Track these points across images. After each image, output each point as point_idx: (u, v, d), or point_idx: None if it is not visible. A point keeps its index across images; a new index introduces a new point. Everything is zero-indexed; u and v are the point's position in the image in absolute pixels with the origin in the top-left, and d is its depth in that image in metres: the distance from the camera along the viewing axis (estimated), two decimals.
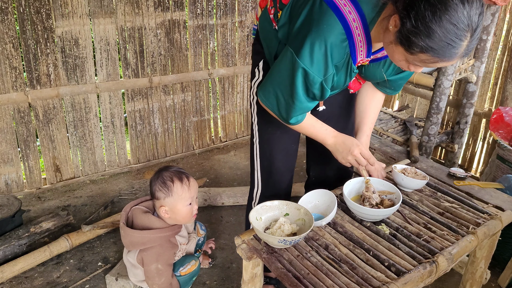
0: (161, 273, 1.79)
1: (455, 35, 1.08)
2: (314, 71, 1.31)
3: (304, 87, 1.37)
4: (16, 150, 2.66)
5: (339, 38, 1.27)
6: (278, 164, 1.77)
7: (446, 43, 1.09)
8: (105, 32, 2.72)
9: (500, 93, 2.98)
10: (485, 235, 1.46)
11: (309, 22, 1.30)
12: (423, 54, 1.14)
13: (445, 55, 1.12)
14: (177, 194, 1.78)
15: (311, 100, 1.43)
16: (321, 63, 1.30)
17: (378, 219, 1.47)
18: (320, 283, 1.21)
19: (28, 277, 2.12)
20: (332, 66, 1.32)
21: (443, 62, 1.15)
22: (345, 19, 1.25)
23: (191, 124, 3.34)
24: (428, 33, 1.09)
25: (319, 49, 1.27)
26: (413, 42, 1.12)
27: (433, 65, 1.17)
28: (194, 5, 3.01)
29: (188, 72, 3.16)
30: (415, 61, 1.18)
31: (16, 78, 2.52)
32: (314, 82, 1.34)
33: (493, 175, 2.61)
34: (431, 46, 1.11)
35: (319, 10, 1.28)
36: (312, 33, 1.27)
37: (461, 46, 1.11)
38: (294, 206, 1.44)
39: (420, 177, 1.68)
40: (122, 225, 1.81)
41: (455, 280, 2.15)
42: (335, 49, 1.28)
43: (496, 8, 2.51)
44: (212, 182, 3.06)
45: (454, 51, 1.11)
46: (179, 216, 1.82)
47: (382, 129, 3.00)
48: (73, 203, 2.74)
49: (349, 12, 1.25)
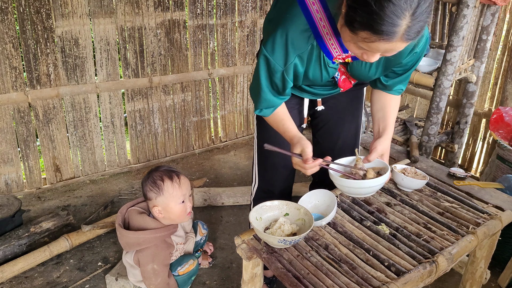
0: (157, 273, 1.79)
1: (391, 11, 1.04)
2: (275, 59, 1.34)
3: (267, 76, 1.40)
4: (16, 150, 2.66)
5: (301, 27, 1.29)
6: (274, 160, 1.78)
7: (382, 18, 1.05)
8: (105, 32, 2.72)
9: (500, 93, 2.98)
10: (485, 235, 1.46)
11: (277, 12, 1.39)
12: (363, 32, 1.10)
13: (383, 33, 1.07)
14: (168, 192, 1.79)
15: (274, 92, 1.45)
16: (282, 51, 1.32)
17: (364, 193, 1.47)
18: (320, 283, 1.21)
19: (28, 277, 2.12)
20: (293, 56, 1.34)
21: (383, 42, 1.10)
22: (308, 10, 1.28)
23: (191, 124, 3.34)
24: (364, 8, 1.06)
25: (280, 38, 1.30)
26: (353, 18, 1.11)
27: (375, 46, 1.13)
28: (194, 5, 3.02)
29: (188, 72, 3.16)
30: (359, 42, 1.15)
31: (16, 78, 2.52)
32: (275, 71, 1.37)
33: (493, 175, 2.62)
34: (368, 22, 1.07)
35: (285, 2, 1.35)
36: (277, 22, 1.32)
37: (399, 25, 1.06)
38: (294, 206, 1.44)
39: (420, 177, 1.68)
40: (118, 226, 1.82)
41: (455, 280, 2.15)
42: (296, 38, 1.31)
43: (496, 8, 2.51)
44: (212, 182, 3.06)
45: (392, 29, 1.06)
46: (172, 215, 1.83)
47: None
48: (73, 203, 2.74)
49: (312, 3, 1.28)
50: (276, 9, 1.42)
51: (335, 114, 1.80)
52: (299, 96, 1.69)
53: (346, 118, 1.81)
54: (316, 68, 1.42)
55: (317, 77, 1.45)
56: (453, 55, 2.39)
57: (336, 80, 1.53)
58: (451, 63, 2.41)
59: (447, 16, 2.90)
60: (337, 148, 1.83)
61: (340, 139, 1.83)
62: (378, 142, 1.53)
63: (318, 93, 1.65)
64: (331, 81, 1.54)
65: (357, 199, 1.61)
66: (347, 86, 1.57)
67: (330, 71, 1.45)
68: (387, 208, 1.57)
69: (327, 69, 1.43)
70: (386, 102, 1.59)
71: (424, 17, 1.09)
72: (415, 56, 1.44)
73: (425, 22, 1.11)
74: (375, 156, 1.50)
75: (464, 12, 2.31)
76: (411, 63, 1.47)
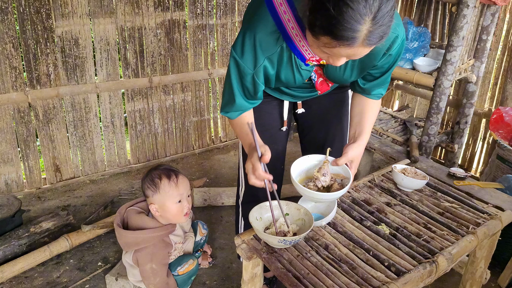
0: (156, 272, 1.79)
1: (350, 17, 1.00)
2: (245, 61, 1.32)
3: (238, 80, 1.38)
4: (16, 150, 2.66)
5: (268, 29, 1.27)
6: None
7: (341, 24, 1.01)
8: (105, 32, 2.72)
9: (500, 93, 2.98)
10: (485, 235, 1.46)
11: (247, 13, 1.36)
12: (324, 37, 1.07)
13: (343, 38, 1.03)
14: (164, 191, 1.80)
15: (246, 97, 1.43)
16: (250, 54, 1.31)
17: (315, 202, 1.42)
18: (320, 283, 1.21)
19: (28, 277, 2.12)
20: (262, 58, 1.32)
21: (345, 47, 1.07)
22: (276, 11, 1.25)
23: (191, 124, 3.34)
24: (324, 12, 1.02)
25: (249, 40, 1.29)
26: (313, 23, 1.07)
27: (337, 51, 1.10)
28: (194, 5, 3.01)
29: (188, 72, 3.16)
30: (321, 46, 1.12)
31: (16, 78, 2.52)
32: (245, 74, 1.35)
33: (493, 175, 2.62)
34: (327, 27, 1.04)
35: (255, 3, 1.33)
36: (246, 24, 1.31)
37: (359, 30, 1.02)
38: (294, 206, 1.44)
39: (420, 177, 1.68)
40: (116, 226, 1.83)
41: (455, 280, 2.15)
42: (264, 40, 1.28)
43: (496, 8, 2.51)
44: (212, 182, 3.06)
45: (352, 35, 1.03)
46: (169, 214, 1.83)
47: (382, 129, 3.00)
48: (73, 203, 2.74)
49: (280, 4, 1.25)
50: (247, 11, 1.39)
51: (317, 118, 1.77)
52: (279, 98, 1.67)
53: (330, 122, 1.78)
54: (288, 70, 1.39)
55: (290, 80, 1.43)
56: (453, 55, 2.39)
57: (313, 82, 1.50)
58: (451, 63, 2.41)
59: (447, 16, 2.90)
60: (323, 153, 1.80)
61: (326, 143, 1.79)
62: (351, 147, 1.45)
63: (297, 95, 1.63)
64: (308, 83, 1.51)
65: (357, 199, 1.61)
66: (325, 88, 1.54)
67: (303, 74, 1.42)
68: (387, 208, 1.57)
69: (299, 71, 1.40)
70: (364, 106, 1.55)
71: (386, 21, 1.05)
72: (391, 58, 1.41)
73: (388, 26, 1.07)
74: (344, 161, 1.43)
75: (464, 12, 2.31)
76: (387, 65, 1.44)
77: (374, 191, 1.68)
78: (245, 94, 1.43)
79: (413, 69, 2.64)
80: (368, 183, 1.73)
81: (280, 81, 1.44)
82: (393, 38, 1.33)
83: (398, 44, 1.37)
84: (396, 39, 1.34)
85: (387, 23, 1.06)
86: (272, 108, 1.68)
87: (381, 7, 1.02)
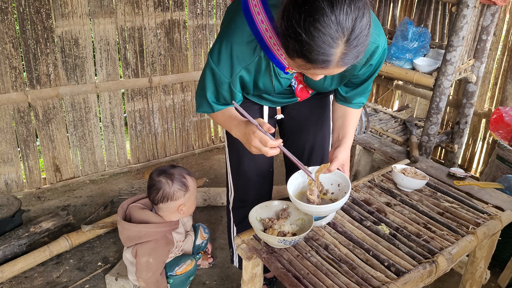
0: (150, 267, 1.80)
1: (322, 41, 0.97)
2: (221, 70, 1.29)
3: (214, 88, 1.36)
4: (16, 150, 2.66)
5: (245, 39, 1.24)
6: (245, 168, 1.73)
7: (314, 49, 0.99)
8: (105, 32, 2.72)
9: (500, 93, 2.98)
10: (485, 235, 1.46)
11: (225, 20, 1.34)
12: (298, 59, 1.05)
13: (317, 62, 1.02)
14: (192, 187, 1.90)
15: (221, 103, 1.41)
16: (227, 63, 1.28)
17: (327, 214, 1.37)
18: (320, 283, 1.21)
19: (28, 277, 2.12)
20: (239, 68, 1.29)
21: (319, 69, 1.05)
22: (253, 20, 1.22)
23: (191, 124, 3.34)
24: (296, 37, 1.00)
25: (226, 49, 1.26)
26: (287, 45, 1.05)
27: (312, 72, 1.09)
28: (194, 5, 3.01)
29: (188, 72, 3.16)
30: (296, 66, 1.10)
31: (16, 78, 2.52)
32: (222, 82, 1.33)
33: (493, 175, 2.62)
34: (300, 51, 1.01)
35: (232, 9, 1.30)
36: (223, 33, 1.28)
37: (333, 54, 1.00)
38: (293, 206, 1.44)
39: (420, 177, 1.68)
40: (120, 219, 1.84)
41: (455, 280, 2.15)
42: (240, 51, 1.25)
43: (496, 8, 2.51)
44: (212, 182, 3.06)
45: (326, 58, 1.01)
46: (191, 208, 1.93)
47: (382, 129, 3.00)
48: (73, 203, 2.74)
49: (257, 13, 1.21)
50: (225, 17, 1.36)
51: (298, 124, 1.75)
52: (258, 103, 1.65)
53: (310, 128, 1.76)
54: (266, 79, 1.37)
55: (269, 88, 1.41)
56: (453, 55, 2.39)
57: (293, 89, 1.49)
58: (451, 63, 2.41)
59: (447, 16, 2.90)
60: (304, 158, 1.79)
61: (305, 150, 1.78)
62: (339, 151, 1.43)
63: (276, 101, 1.61)
64: (288, 89, 1.50)
65: (357, 199, 1.61)
66: (305, 95, 1.52)
67: (282, 82, 1.40)
68: (387, 208, 1.57)
69: (278, 79, 1.38)
70: (346, 110, 1.55)
71: (361, 41, 1.02)
72: (371, 68, 1.40)
73: (364, 46, 1.04)
74: (336, 166, 1.40)
75: (464, 12, 2.31)
76: (368, 74, 1.43)
77: (374, 191, 1.68)
78: (220, 102, 1.41)
79: (413, 69, 2.64)
80: (368, 183, 1.73)
81: (258, 89, 1.42)
82: (373, 49, 1.31)
83: (379, 54, 1.35)
84: (377, 49, 1.32)
85: (363, 43, 1.03)
86: (254, 113, 1.64)
87: (355, 27, 0.98)
